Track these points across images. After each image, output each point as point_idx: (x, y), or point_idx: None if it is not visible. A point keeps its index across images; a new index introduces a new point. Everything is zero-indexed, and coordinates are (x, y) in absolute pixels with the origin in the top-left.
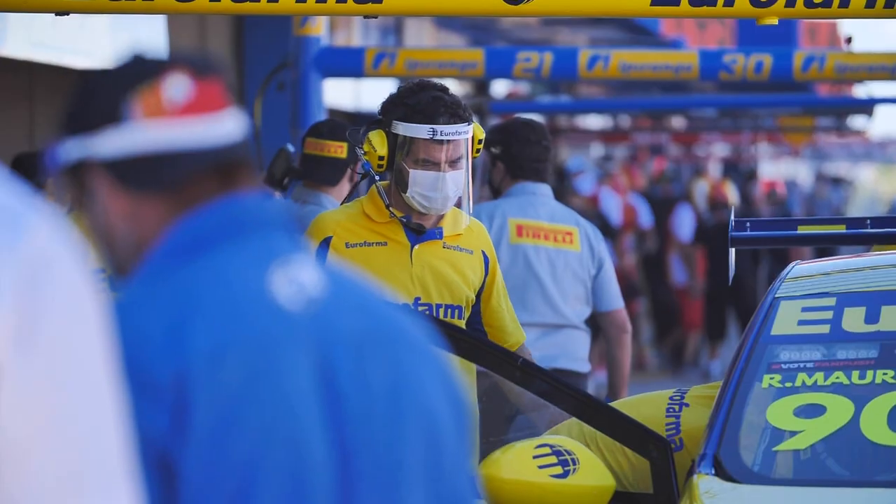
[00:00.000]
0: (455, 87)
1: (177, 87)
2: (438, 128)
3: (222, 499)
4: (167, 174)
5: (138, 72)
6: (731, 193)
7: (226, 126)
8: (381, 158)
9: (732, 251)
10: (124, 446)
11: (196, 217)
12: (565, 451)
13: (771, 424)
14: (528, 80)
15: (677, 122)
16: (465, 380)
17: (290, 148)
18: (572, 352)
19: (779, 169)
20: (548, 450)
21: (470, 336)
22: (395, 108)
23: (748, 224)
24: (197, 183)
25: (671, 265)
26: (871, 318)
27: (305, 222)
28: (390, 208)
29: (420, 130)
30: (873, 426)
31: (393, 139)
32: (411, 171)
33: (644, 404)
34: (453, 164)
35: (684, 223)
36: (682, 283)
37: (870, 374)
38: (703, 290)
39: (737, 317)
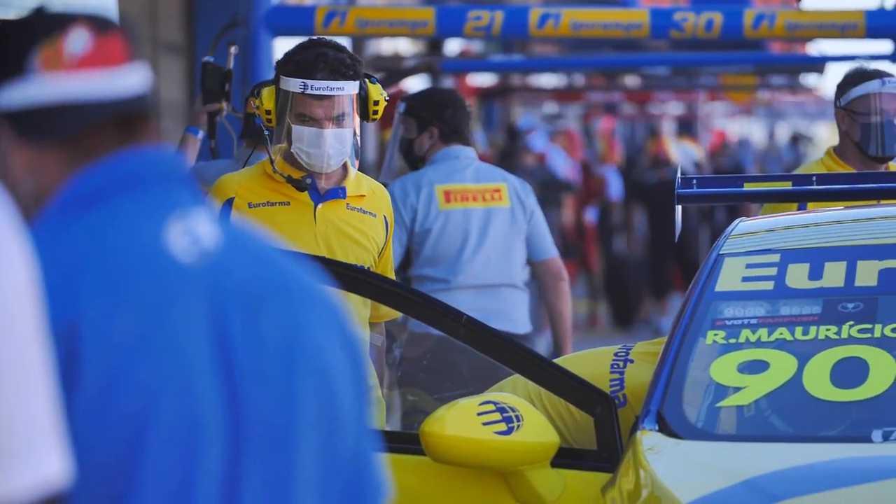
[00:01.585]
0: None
1: (77, 40)
2: (310, 82)
3: (112, 453)
4: (66, 126)
5: (41, 25)
6: (675, 150)
7: (126, 80)
8: (267, 113)
9: (679, 208)
10: (51, 400)
11: (94, 169)
12: (509, 407)
13: (714, 381)
14: (480, 39)
15: (631, 80)
16: (363, 332)
17: (210, 58)
18: (510, 313)
19: (732, 127)
20: (492, 407)
21: (415, 293)
22: (283, 63)
23: (694, 181)
24: (96, 135)
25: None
26: (815, 274)
27: (202, 177)
28: (275, 166)
29: (294, 84)
30: (816, 382)
31: (281, 95)
32: (294, 126)
33: (588, 361)
34: (335, 121)
35: (613, 184)
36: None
37: (813, 330)
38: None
39: (682, 273)
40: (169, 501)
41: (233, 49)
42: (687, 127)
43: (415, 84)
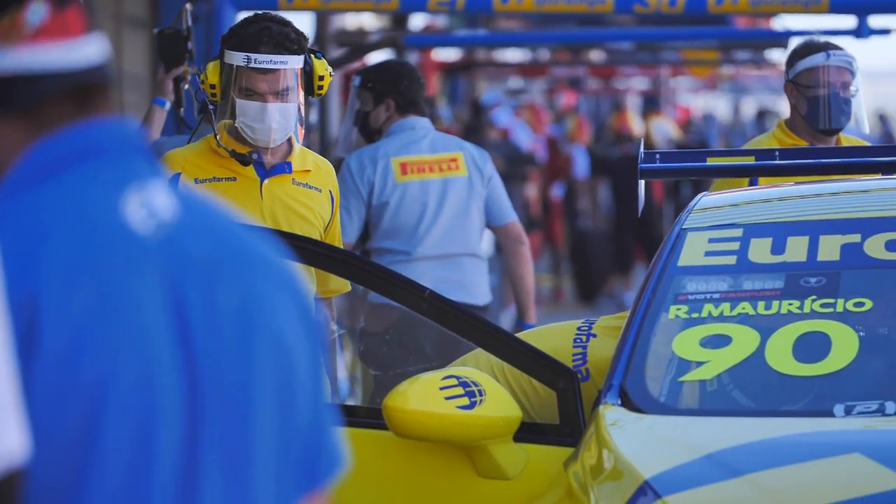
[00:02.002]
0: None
1: (35, 12)
2: (254, 56)
3: (71, 424)
4: (23, 97)
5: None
6: (651, 127)
7: (84, 51)
8: (212, 87)
9: (642, 183)
10: (9, 374)
11: (52, 140)
12: (472, 382)
13: (677, 355)
14: (445, 14)
15: (596, 55)
16: (318, 303)
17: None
18: (470, 284)
19: (697, 102)
20: (454, 381)
21: (378, 268)
22: (228, 37)
23: (657, 156)
24: (54, 106)
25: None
26: (778, 249)
27: (163, 152)
28: (219, 141)
29: (238, 58)
30: (778, 357)
31: (225, 69)
32: (238, 100)
33: (551, 335)
34: (279, 95)
35: (579, 163)
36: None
37: (775, 304)
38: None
39: (644, 248)
40: (128, 471)
41: (187, 6)
42: (652, 102)
43: (379, 59)
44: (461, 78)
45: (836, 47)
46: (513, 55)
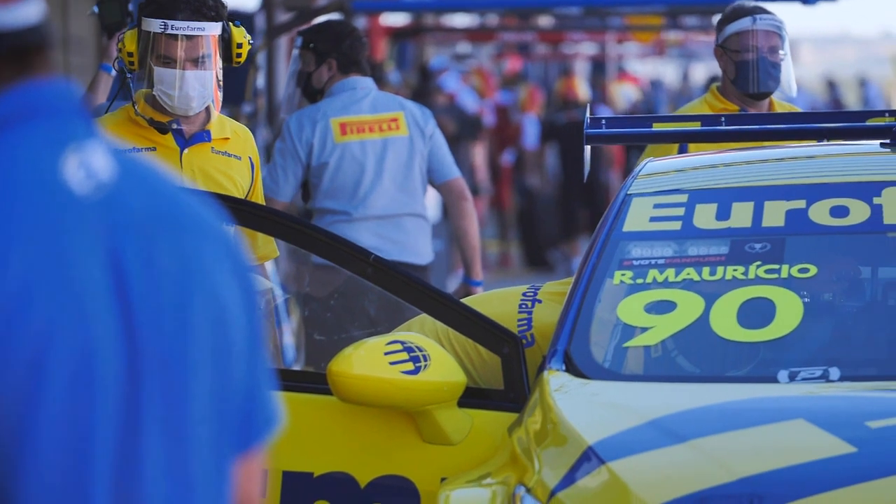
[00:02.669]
0: None
1: None
2: (170, 22)
3: (9, 388)
4: None
5: None
6: (616, 92)
7: (22, 11)
8: (130, 56)
9: (588, 148)
10: None
11: None
12: (416, 347)
13: (622, 321)
14: None
15: (544, 21)
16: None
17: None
18: (412, 244)
19: (645, 68)
20: (399, 346)
21: (323, 233)
22: (146, 5)
23: (603, 121)
24: None
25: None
26: (722, 214)
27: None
28: (137, 109)
29: (155, 25)
30: (723, 322)
31: (143, 37)
32: (155, 68)
33: (496, 301)
34: (196, 62)
35: (529, 133)
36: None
37: (720, 270)
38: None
39: (592, 214)
40: (67, 439)
41: None
42: (600, 68)
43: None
44: (409, 43)
45: (765, 11)
46: (461, 20)
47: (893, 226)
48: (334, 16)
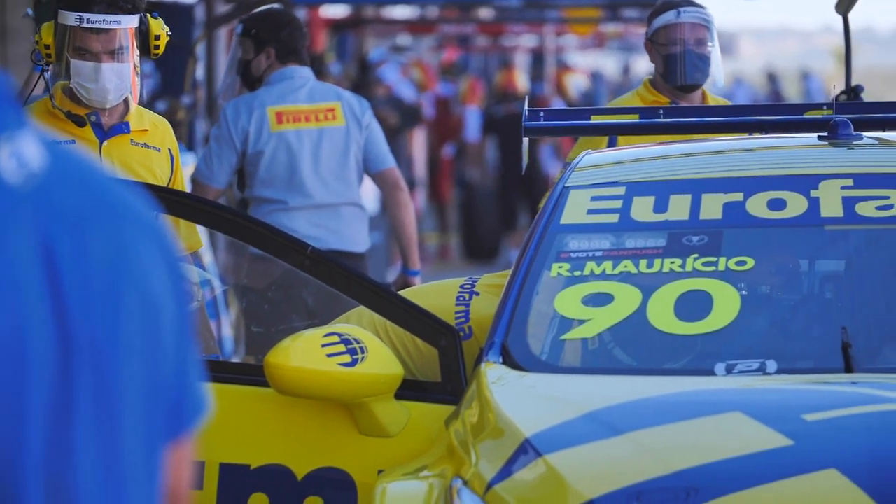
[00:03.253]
0: None
1: None
2: (86, 15)
3: None
4: None
5: None
6: (567, 83)
7: None
8: (47, 48)
9: (526, 141)
10: None
11: None
12: (354, 339)
13: (559, 313)
14: None
15: (484, 13)
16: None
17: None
18: (347, 232)
19: (586, 60)
20: (336, 338)
21: (261, 225)
22: None
23: (542, 113)
24: None
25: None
26: (660, 207)
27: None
28: (54, 102)
29: (71, 18)
30: (660, 315)
31: (59, 29)
32: (72, 61)
33: (434, 293)
34: (113, 55)
35: (471, 123)
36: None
37: (657, 262)
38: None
39: (531, 206)
40: (1, 418)
41: None
42: (540, 60)
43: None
44: (349, 34)
45: (693, 4)
46: (401, 12)
47: (830, 219)
48: (275, 6)
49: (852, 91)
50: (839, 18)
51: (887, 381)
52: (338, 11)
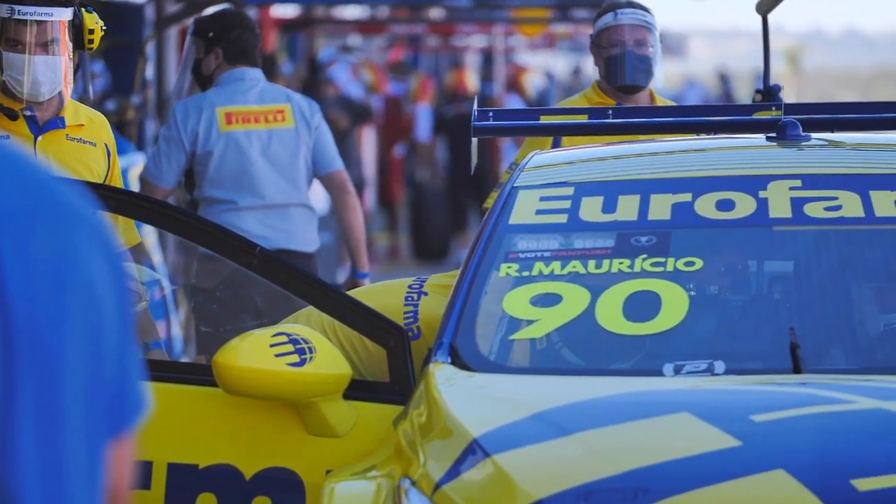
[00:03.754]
0: None
1: None
2: (18, 7)
3: None
4: None
5: None
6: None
7: None
8: None
9: (475, 141)
10: None
11: None
12: (302, 339)
13: (507, 313)
14: None
15: (435, 13)
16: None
17: None
18: (297, 232)
19: (536, 60)
20: (284, 338)
21: (209, 224)
22: None
23: (490, 114)
24: None
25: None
26: (608, 207)
27: None
28: None
29: (2, 9)
30: (608, 315)
31: None
32: (4, 53)
33: (382, 293)
34: (45, 47)
35: (422, 122)
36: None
37: (606, 263)
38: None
39: (479, 207)
40: None
41: None
42: (491, 61)
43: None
44: (300, 34)
45: (634, 6)
46: (352, 12)
47: (779, 219)
48: (225, 6)
49: (768, 92)
50: (790, 19)
51: (835, 382)
52: (288, 11)
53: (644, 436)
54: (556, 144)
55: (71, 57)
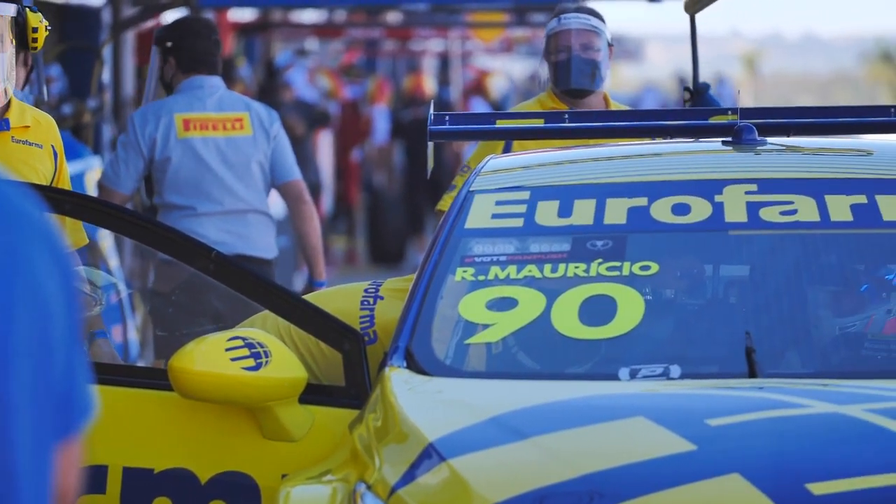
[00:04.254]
0: None
1: None
2: None
3: None
4: None
5: None
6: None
7: None
8: None
9: (431, 145)
10: None
11: None
12: (258, 343)
13: (463, 317)
14: None
15: (392, 17)
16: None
17: None
18: (255, 238)
19: (494, 64)
20: (240, 342)
21: (166, 229)
22: None
23: (447, 118)
24: None
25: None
26: (564, 211)
27: None
28: None
29: None
30: (564, 319)
31: None
32: None
33: (338, 297)
34: None
35: (379, 125)
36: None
37: (562, 267)
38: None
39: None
40: None
41: None
42: (448, 65)
43: (172, 18)
44: (257, 39)
45: (583, 10)
46: (309, 16)
47: (734, 224)
48: (182, 12)
49: (697, 90)
50: (748, 24)
51: (790, 386)
52: (245, 15)
53: (599, 440)
54: (507, 148)
55: (15, 55)
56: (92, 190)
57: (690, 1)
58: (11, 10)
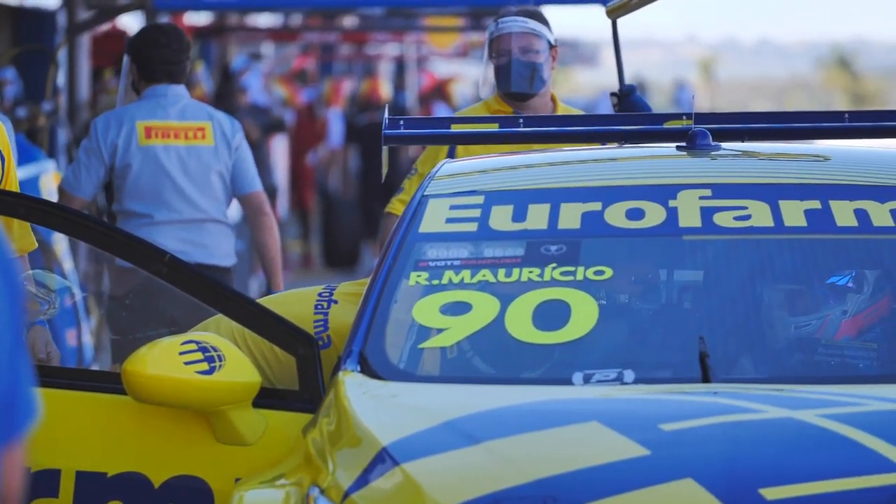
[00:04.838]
0: None
1: None
2: None
3: None
4: None
5: None
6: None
7: None
8: None
9: (385, 149)
10: None
11: None
12: (211, 347)
13: (417, 322)
14: None
15: (349, 21)
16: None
17: None
18: (213, 246)
19: (451, 69)
20: (194, 346)
21: (117, 231)
22: None
23: (402, 122)
24: None
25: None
26: (518, 216)
27: None
28: None
29: None
30: (518, 324)
31: None
32: None
33: (292, 301)
34: None
35: (334, 128)
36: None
37: (516, 272)
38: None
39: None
40: None
41: None
42: (403, 69)
43: (129, 22)
44: (213, 43)
45: (526, 13)
46: (265, 20)
47: (689, 229)
48: (137, 15)
49: (622, 93)
50: (704, 29)
51: (744, 391)
52: (201, 19)
53: (553, 445)
54: (451, 151)
55: None
56: (46, 193)
57: (612, 7)
58: None
